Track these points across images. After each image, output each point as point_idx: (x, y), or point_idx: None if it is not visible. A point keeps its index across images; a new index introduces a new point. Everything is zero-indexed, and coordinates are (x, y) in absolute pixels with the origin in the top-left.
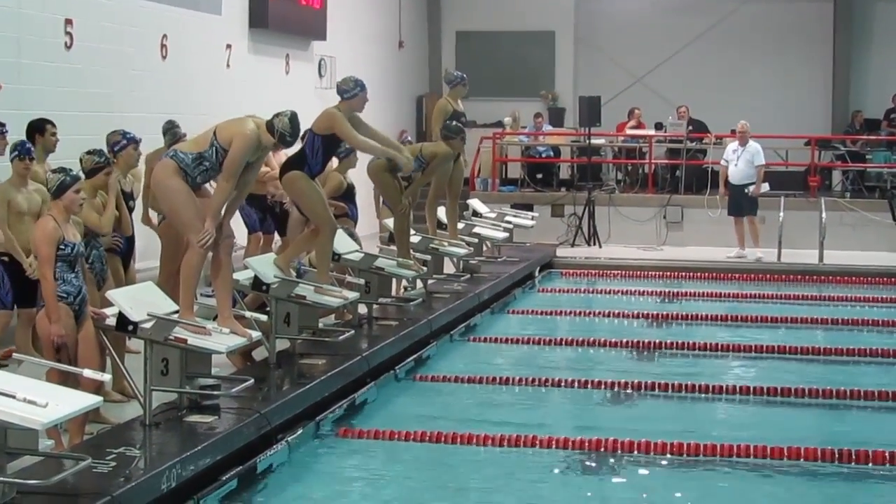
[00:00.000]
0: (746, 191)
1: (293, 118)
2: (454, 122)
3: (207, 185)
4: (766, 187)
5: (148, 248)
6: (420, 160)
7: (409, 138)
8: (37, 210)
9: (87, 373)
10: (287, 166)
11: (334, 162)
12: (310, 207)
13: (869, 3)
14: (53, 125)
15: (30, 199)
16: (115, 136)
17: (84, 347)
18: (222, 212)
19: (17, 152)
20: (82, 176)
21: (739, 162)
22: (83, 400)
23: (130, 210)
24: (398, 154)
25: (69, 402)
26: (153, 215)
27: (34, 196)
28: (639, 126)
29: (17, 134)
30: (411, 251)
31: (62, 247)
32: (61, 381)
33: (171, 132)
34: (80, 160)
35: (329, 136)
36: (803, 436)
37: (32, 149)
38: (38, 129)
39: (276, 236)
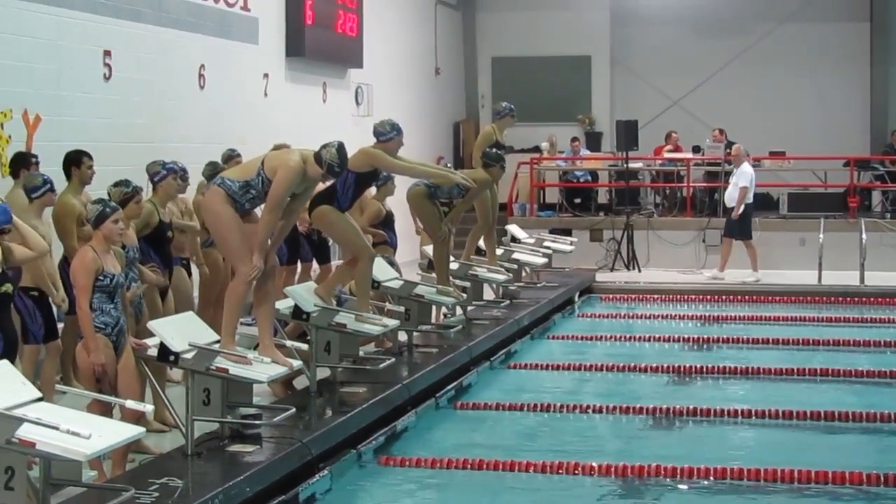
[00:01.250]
0: (732, 216)
1: (340, 149)
2: (494, 150)
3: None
4: (742, 209)
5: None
6: (459, 187)
7: (449, 165)
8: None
9: (130, 403)
10: (316, 201)
11: (372, 189)
12: (344, 238)
13: None
14: (90, 157)
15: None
16: (155, 166)
17: (123, 378)
18: (268, 243)
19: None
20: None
21: (730, 184)
22: (126, 431)
23: (170, 240)
24: (452, 175)
25: (112, 433)
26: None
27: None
28: (676, 149)
29: (56, 165)
30: (451, 278)
31: (101, 277)
32: (101, 412)
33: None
34: (108, 193)
35: (363, 173)
36: (847, 460)
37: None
38: (75, 161)
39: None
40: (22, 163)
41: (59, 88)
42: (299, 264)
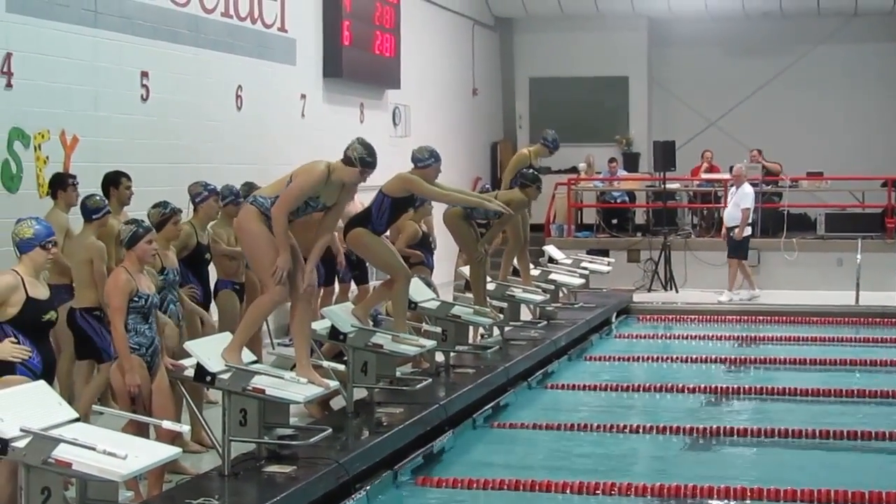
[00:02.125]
0: (731, 234)
1: (362, 141)
2: (531, 171)
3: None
4: (747, 231)
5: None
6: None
7: (487, 186)
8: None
9: (167, 424)
10: (351, 224)
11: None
12: (380, 261)
13: None
14: (129, 178)
15: None
16: (197, 187)
17: (158, 398)
18: (288, 241)
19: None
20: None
21: (730, 204)
22: (162, 451)
23: (208, 262)
24: (488, 203)
25: (148, 453)
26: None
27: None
28: (711, 169)
29: (93, 187)
30: (487, 298)
31: (136, 298)
32: (136, 432)
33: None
34: (148, 215)
35: (399, 198)
36: (884, 481)
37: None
38: (114, 181)
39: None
40: (60, 184)
41: (97, 109)
42: (337, 285)
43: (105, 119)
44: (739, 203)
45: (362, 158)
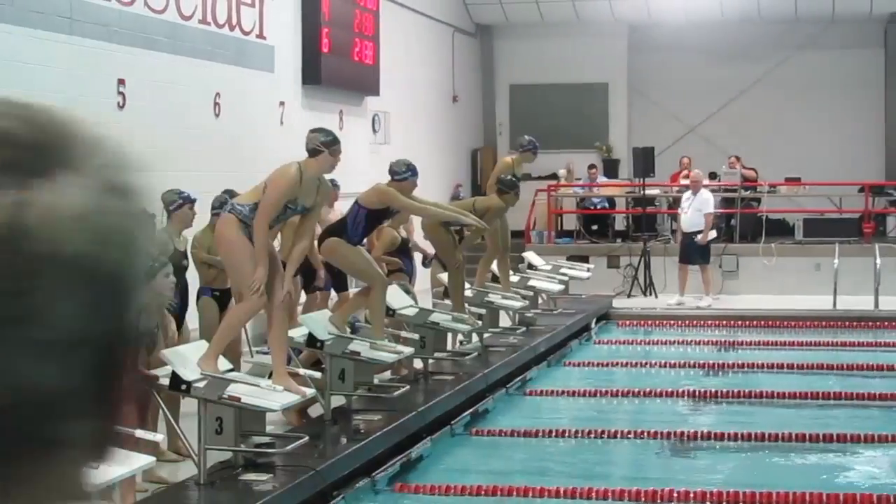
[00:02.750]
0: (695, 238)
1: (313, 129)
2: (510, 177)
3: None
4: (712, 234)
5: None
6: (474, 211)
7: (462, 194)
8: None
9: (140, 433)
10: (326, 234)
11: None
12: (355, 269)
13: None
14: None
15: None
16: (171, 195)
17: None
18: (267, 249)
19: None
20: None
21: (689, 210)
22: (135, 460)
23: (184, 269)
24: (464, 217)
25: (122, 462)
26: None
27: None
28: (689, 175)
29: None
30: (466, 305)
31: None
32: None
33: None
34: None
35: (375, 210)
36: (859, 483)
37: None
38: None
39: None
40: None
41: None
42: (318, 293)
43: None
44: (702, 209)
45: (324, 142)
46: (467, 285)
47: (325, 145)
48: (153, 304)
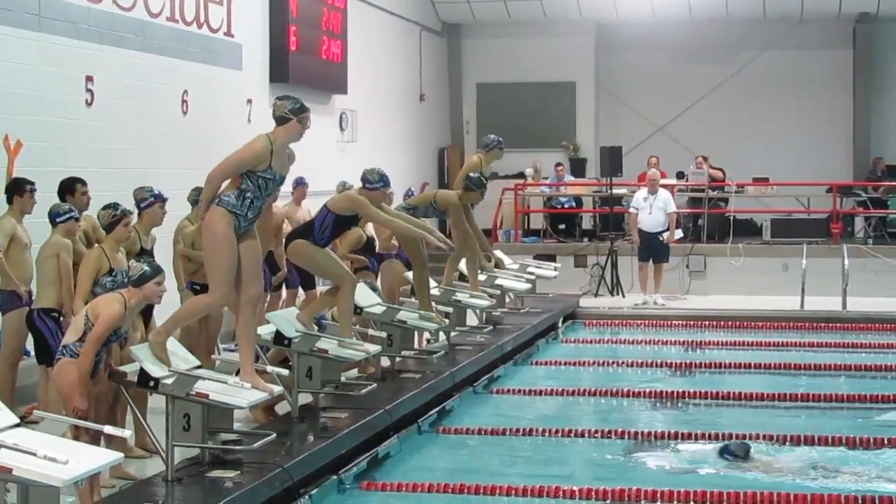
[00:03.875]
0: (661, 238)
1: (279, 97)
2: (475, 174)
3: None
4: (678, 234)
5: (169, 303)
6: (433, 206)
7: (412, 190)
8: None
9: (108, 429)
10: (292, 236)
11: None
12: (323, 270)
13: (888, 49)
14: (84, 184)
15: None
16: (143, 192)
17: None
18: (254, 244)
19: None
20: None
21: (653, 210)
22: (104, 456)
23: None
24: (429, 235)
25: (90, 458)
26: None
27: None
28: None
29: (39, 191)
30: (433, 303)
31: (112, 335)
32: (90, 440)
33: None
34: (98, 217)
35: (343, 216)
36: (826, 484)
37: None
38: (69, 189)
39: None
40: (17, 189)
41: (41, 114)
42: (284, 290)
43: (49, 123)
44: (665, 208)
45: (293, 109)
46: (434, 283)
47: (293, 113)
48: (137, 307)
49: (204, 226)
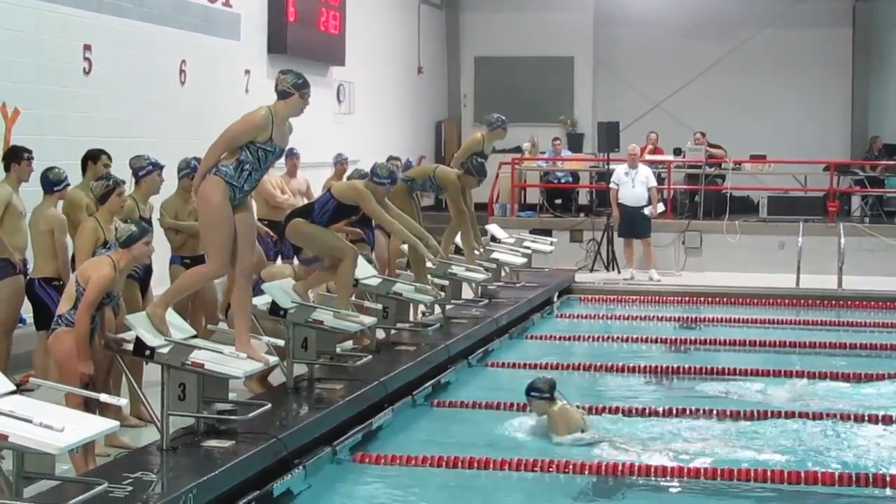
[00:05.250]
0: (647, 213)
1: (284, 71)
2: (479, 160)
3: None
4: (661, 207)
5: (166, 273)
6: (431, 181)
7: (410, 160)
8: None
9: (104, 397)
10: (291, 215)
11: None
12: (323, 247)
13: (887, 27)
14: (109, 157)
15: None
16: (140, 160)
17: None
18: (249, 218)
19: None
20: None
21: (635, 184)
22: (100, 424)
23: None
24: (423, 244)
25: (86, 426)
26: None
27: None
28: (655, 151)
29: (38, 160)
30: (429, 276)
31: (105, 298)
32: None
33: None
34: (91, 189)
35: (345, 205)
36: (821, 460)
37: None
38: (93, 157)
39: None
40: (14, 157)
41: (38, 82)
42: (279, 261)
43: (47, 92)
44: (646, 183)
45: (295, 84)
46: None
47: (295, 87)
48: (127, 268)
49: (200, 196)
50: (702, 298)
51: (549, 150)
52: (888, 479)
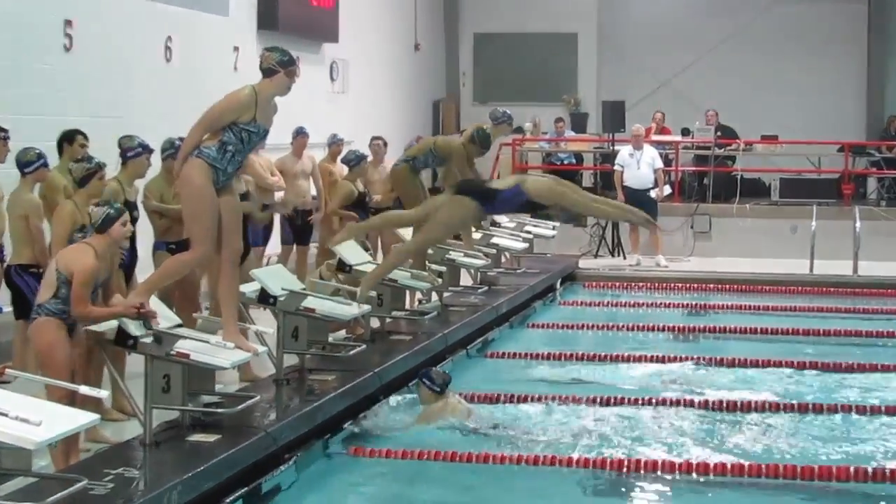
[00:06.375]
0: (653, 195)
1: (268, 48)
2: (488, 133)
3: (235, 183)
4: (667, 190)
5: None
6: (433, 154)
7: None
8: None
9: (84, 390)
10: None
11: (343, 169)
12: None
13: None
14: (85, 137)
15: None
16: (130, 141)
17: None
18: (233, 202)
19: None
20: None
21: (641, 166)
22: (80, 418)
23: (134, 221)
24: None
25: (65, 420)
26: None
27: None
28: (662, 131)
29: (17, 140)
30: (426, 262)
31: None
32: (69, 401)
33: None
34: (70, 171)
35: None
36: (835, 453)
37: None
38: (69, 138)
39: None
40: None
41: (17, 59)
42: (281, 246)
43: (26, 69)
44: (652, 164)
45: (281, 61)
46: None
47: (281, 65)
48: (108, 252)
49: (182, 179)
50: (711, 285)
51: (552, 130)
52: None
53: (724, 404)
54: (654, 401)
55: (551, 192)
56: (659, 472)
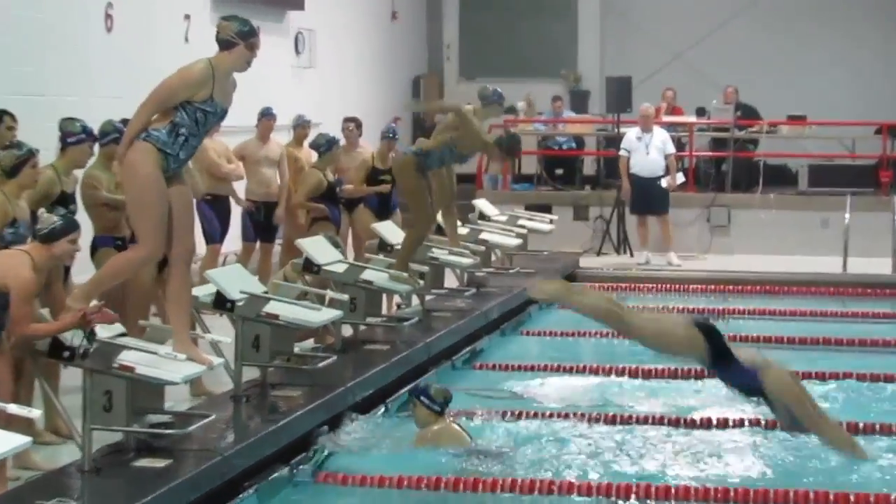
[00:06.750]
0: (664, 184)
1: (225, 17)
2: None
3: (187, 174)
4: (680, 178)
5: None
6: (451, 150)
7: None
8: None
9: (12, 408)
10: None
11: (314, 156)
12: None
13: None
14: (13, 118)
15: None
16: (72, 125)
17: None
18: (185, 192)
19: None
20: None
21: (650, 150)
22: (7, 440)
23: (72, 214)
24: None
25: None
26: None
27: None
28: (673, 110)
29: None
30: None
31: None
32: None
33: None
34: None
35: None
36: (870, 480)
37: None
38: None
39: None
40: None
41: None
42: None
43: None
44: (663, 149)
45: (240, 31)
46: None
47: (240, 36)
48: (46, 267)
49: (126, 167)
50: (730, 286)
51: (549, 110)
52: None
53: (746, 422)
54: (667, 420)
55: (791, 395)
56: (652, 498)
